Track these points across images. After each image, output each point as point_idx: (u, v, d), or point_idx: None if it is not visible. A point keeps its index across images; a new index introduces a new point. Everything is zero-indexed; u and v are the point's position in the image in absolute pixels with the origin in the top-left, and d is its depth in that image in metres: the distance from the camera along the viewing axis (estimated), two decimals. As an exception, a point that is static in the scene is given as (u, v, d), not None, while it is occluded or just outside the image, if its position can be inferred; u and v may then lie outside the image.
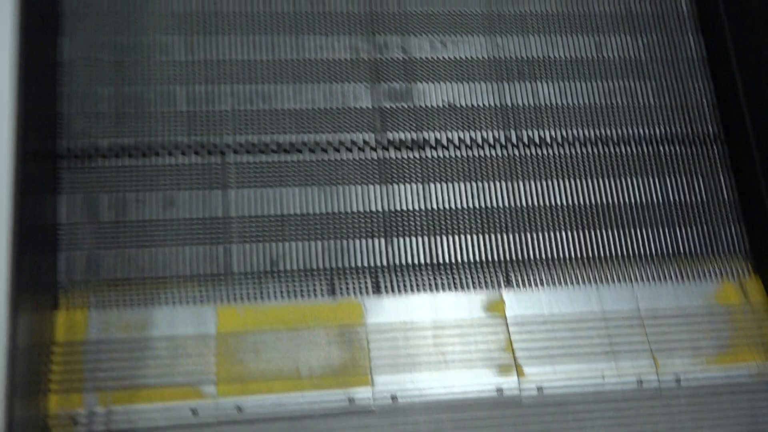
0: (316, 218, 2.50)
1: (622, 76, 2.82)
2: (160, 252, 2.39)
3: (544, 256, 2.53)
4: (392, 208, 2.55)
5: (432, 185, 2.59)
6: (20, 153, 1.92)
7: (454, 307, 2.41)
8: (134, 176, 2.46)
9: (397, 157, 2.61)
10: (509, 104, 2.72)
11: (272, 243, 2.45)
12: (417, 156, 2.62)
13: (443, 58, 2.75)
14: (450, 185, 2.61)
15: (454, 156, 2.64)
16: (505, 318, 2.39)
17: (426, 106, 2.68)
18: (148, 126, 2.51)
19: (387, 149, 2.61)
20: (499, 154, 2.66)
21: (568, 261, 2.53)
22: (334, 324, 2.32)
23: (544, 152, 2.68)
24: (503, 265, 2.50)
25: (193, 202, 2.46)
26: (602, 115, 2.76)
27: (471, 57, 2.76)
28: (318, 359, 2.27)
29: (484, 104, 2.71)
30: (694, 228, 2.63)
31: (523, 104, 2.73)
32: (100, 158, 2.45)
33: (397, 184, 2.58)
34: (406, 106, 2.67)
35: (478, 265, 2.49)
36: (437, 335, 2.35)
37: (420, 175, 2.60)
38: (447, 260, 2.48)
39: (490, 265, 2.50)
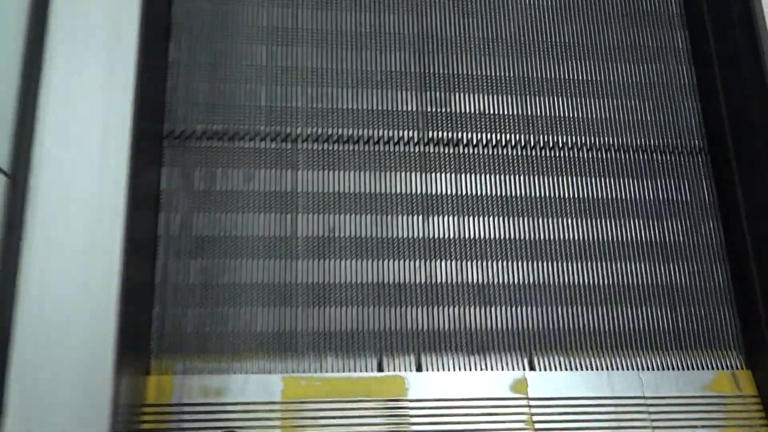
0: (367, 197, 2.70)
1: (624, 96, 2.98)
2: (240, 217, 2.60)
3: (563, 345, 2.64)
4: (429, 192, 2.74)
5: (463, 175, 2.78)
6: (136, 132, 2.21)
7: (484, 386, 2.51)
8: (222, 155, 2.66)
9: (435, 152, 2.79)
10: (530, 114, 2.90)
11: (330, 215, 2.66)
12: (452, 151, 2.80)
13: (478, 73, 2.91)
14: (477, 176, 2.79)
15: (482, 153, 2.82)
16: (528, 397, 2.50)
17: (461, 111, 2.86)
18: (235, 116, 2.71)
19: (427, 145, 2.79)
20: (520, 154, 2.85)
21: (584, 350, 2.64)
22: (381, 397, 2.43)
23: (557, 154, 2.86)
24: (528, 350, 2.61)
25: (268, 179, 2.67)
26: (606, 127, 2.93)
27: (500, 74, 2.93)
28: (368, 428, 2.38)
29: (509, 113, 2.88)
30: (694, 318, 2.73)
31: (541, 114, 2.90)
32: (195, 140, 2.66)
33: (434, 173, 2.77)
34: (445, 111, 2.84)
35: (506, 350, 2.60)
36: (468, 410, 2.45)
37: (453, 167, 2.79)
38: (479, 344, 2.61)
39: (517, 350, 2.61)
